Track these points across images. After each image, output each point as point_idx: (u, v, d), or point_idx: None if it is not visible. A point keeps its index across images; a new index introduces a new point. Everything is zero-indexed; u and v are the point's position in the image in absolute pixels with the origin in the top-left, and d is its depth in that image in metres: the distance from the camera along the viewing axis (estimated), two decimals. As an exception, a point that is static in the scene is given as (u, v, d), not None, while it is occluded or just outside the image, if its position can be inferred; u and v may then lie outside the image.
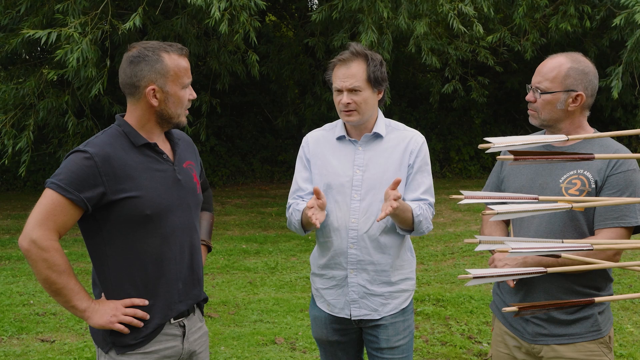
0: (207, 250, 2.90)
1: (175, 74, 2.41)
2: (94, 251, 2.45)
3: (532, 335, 2.69)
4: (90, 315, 2.37)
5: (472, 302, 5.94)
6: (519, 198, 1.72)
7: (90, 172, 2.30)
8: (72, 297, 2.35)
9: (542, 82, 2.60)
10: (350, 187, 2.88)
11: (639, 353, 4.87)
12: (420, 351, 4.90)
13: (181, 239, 2.51)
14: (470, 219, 9.81)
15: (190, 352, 2.61)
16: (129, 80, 2.40)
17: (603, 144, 2.60)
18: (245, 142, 13.56)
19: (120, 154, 2.37)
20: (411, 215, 2.79)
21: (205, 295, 2.73)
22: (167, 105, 2.42)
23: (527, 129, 14.08)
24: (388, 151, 2.90)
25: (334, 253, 2.91)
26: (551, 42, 11.11)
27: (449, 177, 13.57)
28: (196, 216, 2.63)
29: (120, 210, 2.35)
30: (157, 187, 2.42)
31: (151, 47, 2.40)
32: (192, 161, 2.66)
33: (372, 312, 2.93)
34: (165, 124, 2.49)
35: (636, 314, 5.70)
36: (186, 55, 2.48)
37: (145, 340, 2.44)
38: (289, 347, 5.01)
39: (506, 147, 1.66)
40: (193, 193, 2.58)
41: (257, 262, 7.62)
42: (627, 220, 2.51)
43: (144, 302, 2.42)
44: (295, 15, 13.38)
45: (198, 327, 2.67)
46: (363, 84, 2.79)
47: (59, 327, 5.41)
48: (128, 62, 2.40)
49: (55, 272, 2.31)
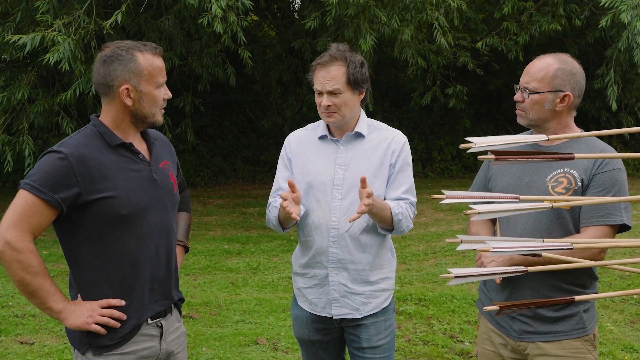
0: (184, 251, 2.88)
1: (149, 73, 2.38)
2: (70, 252, 2.42)
3: (518, 332, 2.71)
4: (66, 317, 2.35)
5: (454, 301, 5.96)
6: (500, 197, 1.72)
7: (65, 172, 2.27)
8: (48, 298, 2.32)
9: (531, 82, 2.62)
10: (331, 186, 2.89)
11: (619, 351, 4.91)
12: (402, 351, 4.91)
13: (158, 239, 2.49)
14: (452, 219, 9.86)
15: (168, 352, 2.59)
16: (103, 80, 2.38)
17: (589, 144, 2.63)
18: (227, 142, 13.52)
19: (96, 154, 2.35)
20: (390, 214, 2.80)
21: (182, 295, 2.71)
22: (141, 104, 2.40)
23: (509, 129, 14.18)
24: (369, 151, 2.92)
25: (315, 252, 2.92)
26: (533, 43, 11.19)
27: (431, 176, 13.62)
28: (173, 216, 2.61)
29: (96, 210, 2.33)
30: (133, 187, 2.40)
31: (124, 46, 2.39)
32: (168, 161, 2.64)
33: (354, 312, 2.94)
34: (140, 124, 2.47)
35: (616, 312, 5.75)
36: (160, 55, 2.46)
37: (122, 340, 2.42)
38: (271, 348, 4.99)
39: (487, 147, 1.66)
40: (170, 193, 2.57)
41: (239, 262, 7.59)
42: (612, 219, 2.54)
43: (120, 302, 2.40)
44: (277, 15, 13.37)
45: (176, 327, 2.65)
46: (343, 86, 2.80)
47: (38, 329, 5.36)
48: (101, 61, 2.38)
49: (30, 274, 2.28)
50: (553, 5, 10.53)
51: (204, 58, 9.73)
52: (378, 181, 2.88)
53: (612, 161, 2.57)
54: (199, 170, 12.90)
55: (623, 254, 6.91)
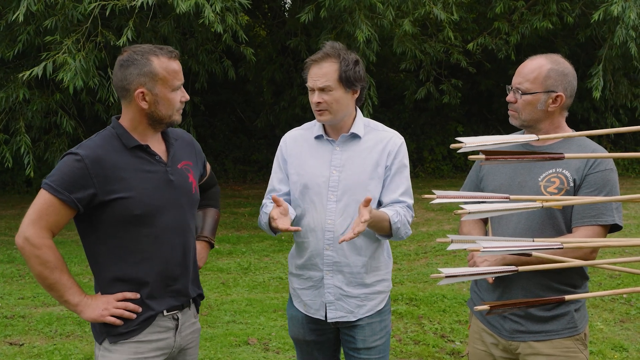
0: (209, 247, 2.98)
1: (164, 77, 2.45)
2: (89, 250, 2.55)
3: (509, 332, 2.71)
4: (82, 309, 2.46)
5: (445, 301, 5.97)
6: (491, 197, 1.72)
7: (81, 173, 2.38)
8: (65, 292, 2.44)
9: (523, 83, 2.63)
10: (326, 188, 2.87)
11: (609, 350, 4.94)
12: (393, 350, 4.91)
13: (172, 238, 2.56)
14: (443, 219, 9.87)
15: (181, 346, 2.66)
16: (120, 83, 2.47)
17: (581, 144, 2.65)
18: (218, 142, 13.49)
19: (112, 155, 2.45)
20: (388, 224, 2.78)
21: (201, 292, 2.79)
22: (157, 107, 2.48)
23: (500, 129, 14.20)
24: (366, 152, 2.90)
25: (310, 254, 2.91)
26: (523, 43, 11.22)
27: (422, 176, 13.64)
28: (191, 216, 2.68)
29: (111, 210, 2.43)
30: (147, 188, 2.49)
31: (140, 50, 2.46)
32: (189, 161, 2.70)
33: (348, 314, 2.92)
34: (158, 125, 2.55)
35: (606, 312, 5.78)
36: (177, 58, 2.52)
37: (138, 329, 2.51)
38: (262, 348, 4.99)
39: (477, 147, 1.66)
40: (187, 193, 2.63)
41: (230, 262, 7.58)
42: (603, 219, 2.55)
43: (135, 295, 2.50)
44: (268, 15, 13.35)
45: (192, 322, 2.72)
46: (334, 84, 2.79)
47: (27, 330, 5.33)
48: (119, 65, 2.47)
49: (48, 269, 2.40)
50: (544, 3, 10.56)
51: (200, 55, 9.73)
52: (374, 183, 2.87)
53: (604, 161, 2.58)
54: (189, 170, 12.85)
55: (613, 253, 6.93)
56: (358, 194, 2.81)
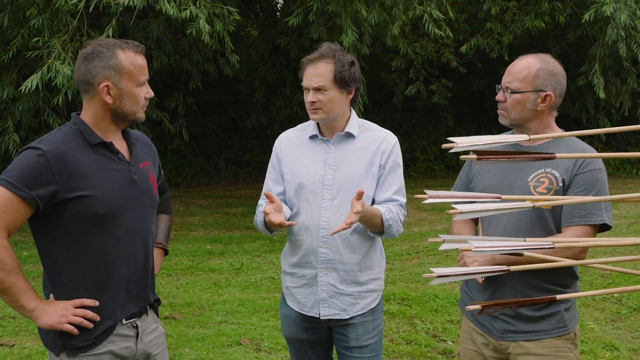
0: (163, 254, 2.85)
1: (130, 71, 2.36)
2: (45, 251, 2.40)
3: (499, 332, 2.72)
4: (38, 315, 2.33)
5: (437, 300, 5.98)
6: (482, 197, 1.73)
7: (43, 169, 2.25)
8: (20, 296, 2.30)
9: (513, 82, 2.64)
10: (321, 186, 2.90)
11: (600, 349, 4.95)
12: (385, 350, 4.92)
13: (135, 240, 2.47)
14: (435, 218, 9.89)
15: (146, 353, 2.56)
16: (83, 77, 2.36)
17: (570, 144, 2.66)
18: (210, 142, 13.46)
19: (75, 152, 2.32)
20: (380, 220, 2.81)
21: (157, 297, 2.69)
22: (121, 102, 2.38)
23: (491, 129, 14.24)
24: (360, 151, 2.93)
25: (304, 252, 2.93)
26: (515, 43, 11.25)
27: (414, 176, 13.66)
28: (152, 218, 2.59)
29: (73, 209, 2.31)
30: (111, 186, 2.38)
31: (106, 44, 2.36)
32: (149, 162, 2.61)
33: (341, 312, 2.94)
34: (121, 122, 2.44)
35: (597, 311, 5.80)
36: (142, 53, 2.43)
37: (96, 341, 2.40)
38: (254, 348, 4.98)
39: (469, 147, 1.67)
40: (149, 194, 2.54)
41: (221, 262, 7.56)
42: (593, 219, 2.56)
43: (94, 302, 2.38)
44: (260, 14, 13.33)
45: (153, 328, 2.62)
46: (329, 84, 2.82)
47: (18, 331, 5.30)
48: (82, 59, 2.36)
49: (3, 271, 2.25)
50: (536, 3, 10.59)
51: (194, 55, 9.73)
52: (368, 181, 2.90)
53: (593, 161, 2.59)
54: (181, 170, 12.82)
55: (604, 253, 6.97)
56: (352, 192, 2.83)
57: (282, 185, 3.02)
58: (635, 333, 5.33)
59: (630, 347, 5.03)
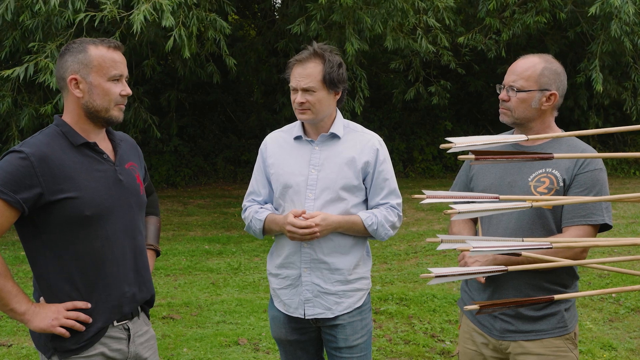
0: (155, 255, 2.83)
1: (98, 64, 2.33)
2: (33, 254, 2.38)
3: (499, 331, 2.72)
4: (30, 319, 2.31)
5: (435, 300, 5.98)
6: (480, 197, 1.72)
7: (26, 172, 2.23)
8: (10, 299, 2.28)
9: (517, 80, 2.63)
10: (305, 187, 2.92)
11: (598, 349, 4.96)
12: (383, 350, 4.92)
13: (123, 240, 2.44)
14: (433, 218, 9.89)
15: (138, 355, 2.54)
16: (58, 74, 2.36)
17: (570, 144, 2.66)
18: (208, 142, 13.45)
19: (58, 154, 2.31)
20: (362, 227, 2.87)
21: (150, 298, 2.65)
22: (91, 97, 2.34)
23: (489, 129, 14.25)
24: (344, 152, 2.94)
25: (288, 252, 2.95)
26: (513, 42, 11.26)
27: (412, 176, 13.65)
28: (140, 218, 2.57)
29: (59, 211, 2.29)
30: (97, 187, 2.36)
31: (80, 40, 2.37)
32: (135, 163, 2.59)
33: (326, 311, 2.95)
34: (97, 120, 2.40)
35: (595, 311, 5.80)
36: (118, 49, 2.40)
37: (88, 343, 2.38)
38: (252, 348, 4.98)
39: (467, 147, 1.67)
40: (136, 194, 2.52)
41: (220, 262, 7.56)
42: (593, 218, 2.57)
43: (86, 305, 2.36)
44: (258, 15, 13.33)
45: (144, 331, 2.60)
46: (318, 85, 2.83)
47: (16, 331, 5.29)
48: (58, 57, 2.38)
49: None
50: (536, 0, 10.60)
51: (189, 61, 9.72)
52: (352, 182, 2.91)
53: (594, 161, 2.59)
54: (179, 170, 12.81)
55: (602, 252, 6.97)
56: (335, 193, 2.87)
57: (266, 187, 3.07)
58: (633, 333, 5.34)
59: (628, 347, 5.03)
